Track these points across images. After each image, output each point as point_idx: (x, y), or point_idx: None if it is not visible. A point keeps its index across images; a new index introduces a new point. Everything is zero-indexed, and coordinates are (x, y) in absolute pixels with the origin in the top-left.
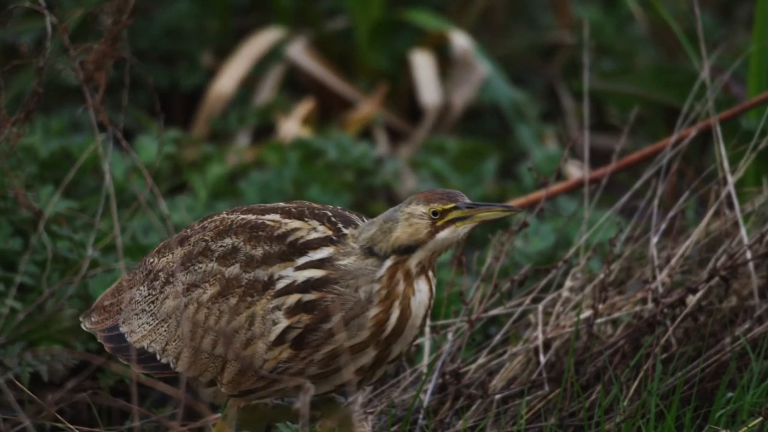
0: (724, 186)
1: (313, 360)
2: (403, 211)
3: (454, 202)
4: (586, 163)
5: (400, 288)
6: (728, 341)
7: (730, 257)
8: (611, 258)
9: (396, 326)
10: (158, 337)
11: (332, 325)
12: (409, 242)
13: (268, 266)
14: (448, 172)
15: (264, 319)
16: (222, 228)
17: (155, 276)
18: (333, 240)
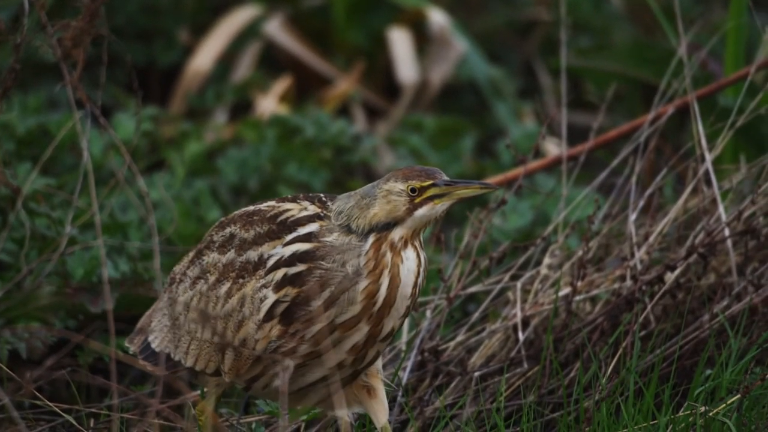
0: (702, 163)
1: (304, 337)
2: (381, 188)
3: (433, 179)
4: (563, 140)
5: (388, 258)
6: (707, 318)
7: (708, 234)
8: (589, 235)
9: (387, 296)
10: (172, 337)
11: (321, 301)
12: (388, 219)
13: (259, 246)
14: (425, 149)
15: (253, 298)
16: (225, 221)
17: (172, 280)
18: (320, 216)
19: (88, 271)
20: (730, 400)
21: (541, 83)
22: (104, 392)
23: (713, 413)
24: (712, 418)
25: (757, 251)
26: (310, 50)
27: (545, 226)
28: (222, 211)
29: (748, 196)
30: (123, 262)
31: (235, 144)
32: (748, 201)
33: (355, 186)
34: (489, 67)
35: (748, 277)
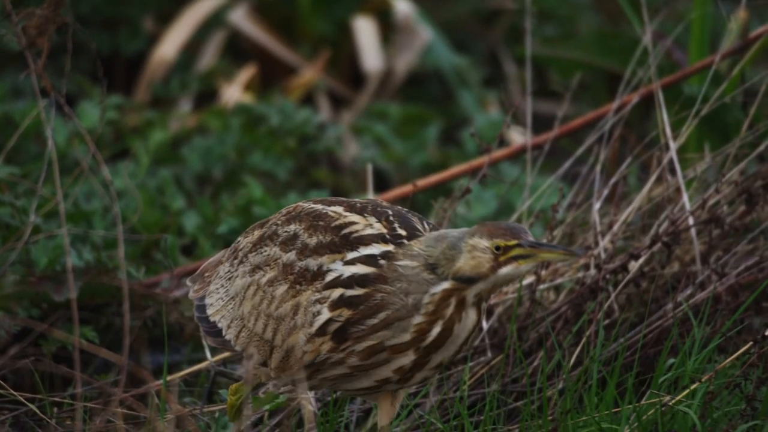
0: (667, 152)
1: (354, 351)
2: (467, 243)
3: (517, 238)
4: (528, 129)
5: (449, 311)
6: (670, 307)
7: (672, 223)
8: (554, 224)
9: (436, 339)
10: (226, 314)
11: (376, 321)
12: (471, 274)
13: (319, 256)
14: (390, 137)
15: (306, 310)
16: (293, 214)
17: (236, 254)
18: (386, 238)
19: (52, 260)
20: (692, 387)
21: (505, 72)
22: (68, 381)
23: (674, 402)
24: (673, 407)
25: (721, 240)
26: (275, 39)
27: (510, 214)
28: (186, 200)
29: (713, 185)
30: (87, 250)
31: (200, 133)
32: (712, 190)
33: (319, 174)
34: (454, 56)
35: (712, 266)
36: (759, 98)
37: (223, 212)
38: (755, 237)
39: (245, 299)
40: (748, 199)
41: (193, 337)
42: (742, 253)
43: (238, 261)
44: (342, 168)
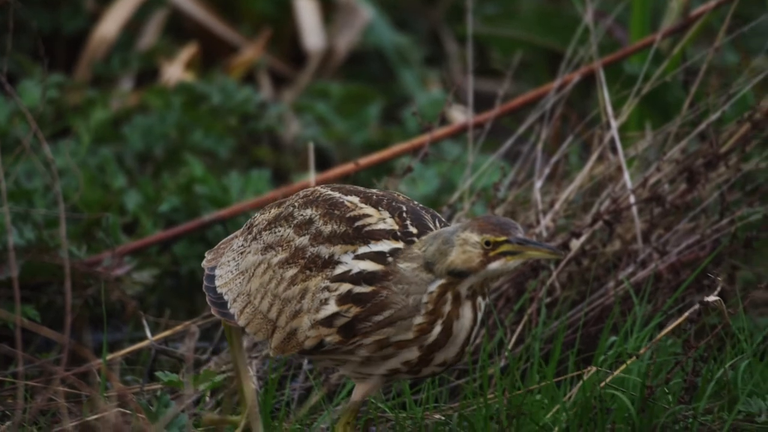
0: (608, 130)
1: (362, 344)
2: (459, 236)
3: (507, 235)
4: (469, 108)
5: (446, 309)
6: (612, 285)
7: (613, 201)
8: (495, 202)
9: (437, 339)
10: (233, 287)
11: (381, 318)
12: (462, 268)
13: (332, 245)
14: (332, 116)
15: (314, 296)
16: (311, 198)
17: (250, 230)
18: (396, 235)
19: None
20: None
21: (447, 51)
22: (9, 360)
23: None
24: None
25: (662, 218)
26: (216, 17)
27: (451, 193)
28: (128, 179)
29: (654, 164)
30: (28, 229)
31: (141, 111)
32: (653, 168)
33: (260, 153)
34: (395, 35)
35: (653, 244)
36: (700, 77)
37: (164, 191)
38: (696, 215)
39: (254, 276)
40: (689, 177)
41: (135, 315)
42: (683, 231)
43: (252, 237)
44: (283, 147)
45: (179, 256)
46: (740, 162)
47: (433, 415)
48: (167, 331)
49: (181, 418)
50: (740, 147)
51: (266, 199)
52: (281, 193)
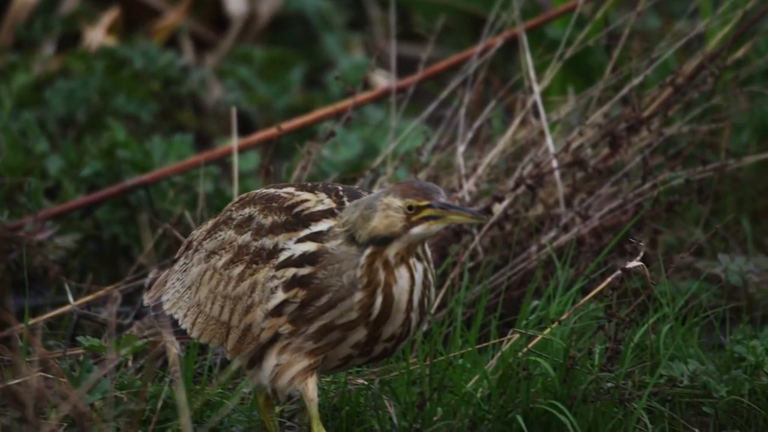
0: (530, 95)
1: (306, 333)
2: (382, 201)
3: (429, 199)
4: (392, 72)
5: (381, 276)
6: (534, 249)
7: (536, 166)
8: (418, 167)
9: (381, 310)
10: (182, 304)
11: (322, 303)
12: (385, 233)
13: (275, 235)
14: (254, 81)
15: (264, 286)
16: (247, 199)
17: (189, 246)
18: (334, 212)
19: None
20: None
21: (369, 15)
22: None
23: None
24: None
25: (584, 182)
26: None
27: (374, 157)
28: (50, 143)
29: (576, 128)
30: None
31: (63, 76)
32: (576, 132)
33: (183, 117)
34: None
35: (576, 208)
36: (622, 41)
37: (86, 155)
38: (618, 180)
39: (201, 285)
40: (612, 141)
41: (57, 280)
42: (605, 195)
43: (192, 251)
44: (206, 111)
45: (102, 220)
46: (662, 126)
47: (356, 380)
48: (89, 296)
49: (103, 383)
50: (662, 111)
51: (189, 163)
52: (204, 158)
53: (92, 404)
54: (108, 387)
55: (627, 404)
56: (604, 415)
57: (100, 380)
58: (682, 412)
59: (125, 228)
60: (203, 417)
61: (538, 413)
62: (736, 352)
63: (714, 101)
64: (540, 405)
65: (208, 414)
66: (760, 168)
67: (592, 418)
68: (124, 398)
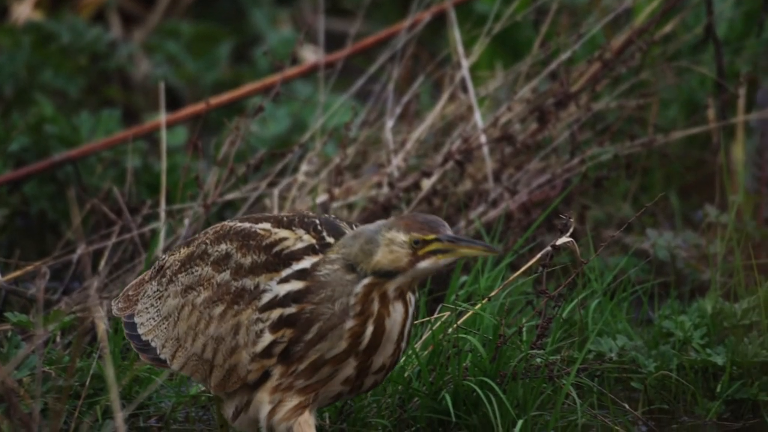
0: (459, 70)
1: (297, 371)
2: (384, 236)
3: (436, 233)
4: (321, 47)
5: (375, 308)
6: (463, 225)
7: (464, 141)
8: (347, 142)
9: (372, 340)
10: (160, 333)
11: (311, 335)
12: (390, 268)
13: (255, 276)
14: (182, 56)
15: (248, 329)
16: (221, 233)
17: (163, 273)
18: (315, 249)
19: None
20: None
21: None
22: None
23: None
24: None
25: (513, 157)
26: None
27: (303, 132)
28: None
29: (505, 103)
30: None
31: None
32: (504, 107)
33: (111, 92)
34: None
35: (504, 184)
36: (550, 16)
37: (13, 130)
38: (547, 155)
39: (180, 320)
40: (540, 116)
41: None
42: (533, 170)
43: (166, 280)
44: (134, 86)
45: (29, 196)
46: (591, 101)
47: None
48: (17, 272)
49: (31, 359)
50: (591, 86)
51: (117, 138)
52: (132, 133)
53: (20, 380)
54: (36, 363)
55: (556, 381)
56: (533, 391)
57: (28, 356)
58: (610, 387)
59: (53, 203)
60: (132, 393)
61: (468, 390)
62: (665, 327)
63: (642, 76)
64: (469, 382)
65: (136, 390)
66: (688, 143)
67: (522, 394)
68: (52, 374)
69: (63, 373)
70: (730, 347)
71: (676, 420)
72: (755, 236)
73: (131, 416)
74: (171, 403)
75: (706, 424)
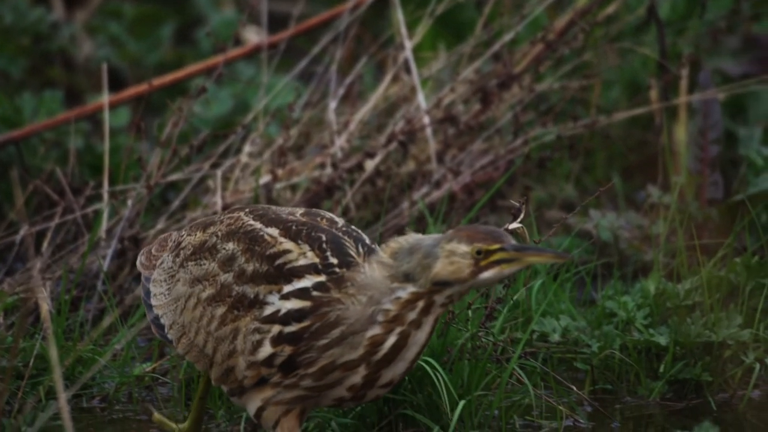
0: (402, 51)
1: (306, 374)
2: (444, 248)
3: (500, 242)
4: (264, 28)
5: (410, 316)
6: (406, 206)
7: (408, 122)
8: (290, 123)
9: (389, 352)
10: (168, 313)
11: (328, 340)
12: (449, 279)
13: (255, 285)
14: (125, 37)
15: (246, 338)
16: (233, 228)
17: (178, 252)
18: (318, 269)
19: None
20: None
21: None
22: None
23: None
24: None
25: (456, 138)
26: None
27: (246, 114)
28: None
29: (448, 84)
30: None
31: None
32: (447, 89)
33: (53, 73)
34: None
35: (448, 165)
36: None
37: None
38: (490, 136)
39: (186, 309)
40: (483, 97)
41: None
42: (477, 151)
43: (180, 261)
44: (76, 67)
45: None
46: (534, 82)
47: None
48: None
49: None
50: (534, 68)
51: (59, 119)
52: (74, 114)
53: None
54: None
55: (502, 361)
56: (478, 371)
57: None
58: (554, 368)
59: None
60: (75, 373)
61: (414, 370)
62: (608, 307)
63: (585, 57)
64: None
65: (80, 370)
66: (631, 124)
67: (467, 374)
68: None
69: (6, 353)
70: (673, 327)
71: (620, 400)
72: (697, 217)
73: (74, 397)
74: (114, 384)
75: (650, 404)
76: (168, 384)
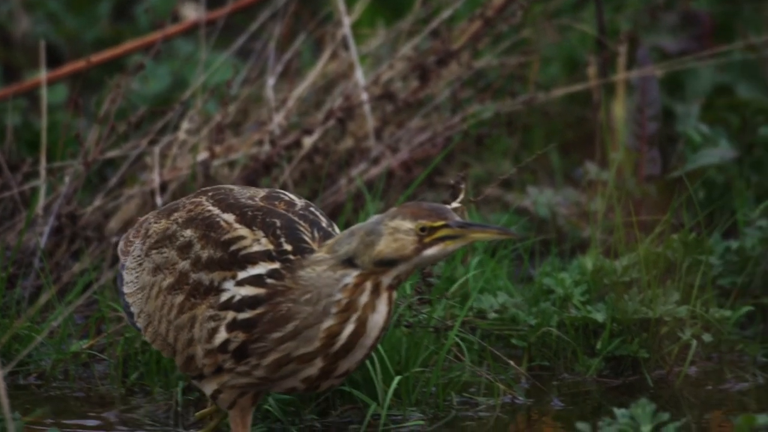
0: (340, 28)
1: (259, 365)
2: (387, 225)
3: (444, 219)
4: (202, 5)
5: (362, 300)
6: (344, 183)
7: (346, 99)
8: (228, 100)
9: (347, 342)
10: (137, 301)
11: (282, 334)
12: (393, 256)
13: (210, 272)
14: (63, 13)
15: (202, 325)
16: (192, 214)
17: (145, 240)
18: (272, 256)
19: None
20: None
21: None
22: None
23: None
24: None
25: (394, 115)
26: None
27: (184, 90)
28: None
29: (386, 61)
30: None
31: None
32: (385, 65)
33: None
34: None
35: (386, 141)
36: None
37: None
38: (428, 113)
39: (150, 298)
40: (422, 74)
41: None
42: (415, 128)
43: (145, 249)
44: (14, 43)
45: None
46: (472, 59)
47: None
48: None
49: None
50: (472, 44)
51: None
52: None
53: None
54: None
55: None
56: (416, 346)
57: None
58: (491, 345)
59: None
60: (12, 350)
61: None
62: (545, 284)
63: (523, 34)
64: None
65: (16, 348)
66: (569, 101)
67: (405, 351)
68: None
69: None
70: (610, 304)
71: (557, 377)
72: (635, 193)
73: (11, 374)
74: (51, 361)
75: (587, 380)
76: (105, 361)
